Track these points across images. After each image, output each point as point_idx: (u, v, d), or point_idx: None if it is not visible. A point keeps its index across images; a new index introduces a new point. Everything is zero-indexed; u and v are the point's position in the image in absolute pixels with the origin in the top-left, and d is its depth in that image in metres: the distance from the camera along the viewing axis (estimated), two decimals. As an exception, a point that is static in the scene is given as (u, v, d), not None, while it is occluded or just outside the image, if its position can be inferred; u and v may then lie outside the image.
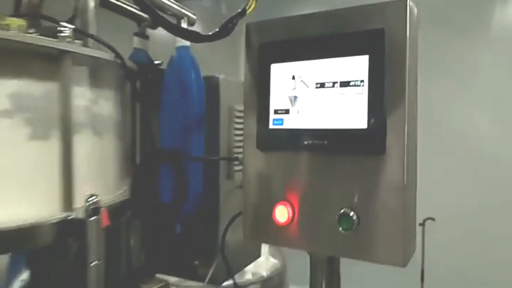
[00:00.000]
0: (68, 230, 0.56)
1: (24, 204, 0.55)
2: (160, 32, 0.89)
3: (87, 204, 0.57)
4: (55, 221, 0.56)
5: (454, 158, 4.07)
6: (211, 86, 0.99)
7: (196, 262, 0.99)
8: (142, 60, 0.99)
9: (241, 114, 1.05)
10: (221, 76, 1.02)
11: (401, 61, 0.65)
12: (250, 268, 2.19)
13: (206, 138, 0.95)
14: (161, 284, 0.95)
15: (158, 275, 0.99)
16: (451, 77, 4.03)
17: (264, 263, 1.97)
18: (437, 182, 4.03)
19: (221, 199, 0.96)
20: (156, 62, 1.01)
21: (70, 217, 0.57)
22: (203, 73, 0.98)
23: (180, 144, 0.87)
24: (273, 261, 2.27)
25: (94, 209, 0.56)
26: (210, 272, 0.91)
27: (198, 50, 1.03)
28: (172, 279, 1.04)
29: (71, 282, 0.59)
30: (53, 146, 0.57)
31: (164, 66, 0.97)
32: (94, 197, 0.57)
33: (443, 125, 4.05)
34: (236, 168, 1.02)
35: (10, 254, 0.65)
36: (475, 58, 3.99)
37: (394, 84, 0.65)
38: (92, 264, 0.55)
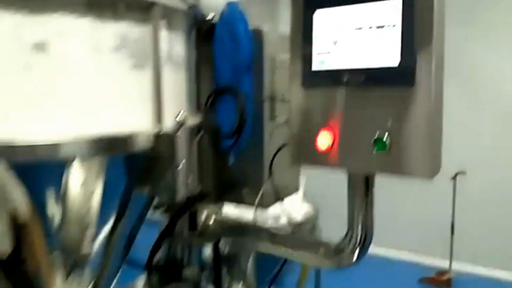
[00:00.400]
0: (160, 139, 0.73)
1: (127, 118, 0.72)
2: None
3: (176, 118, 0.72)
4: (149, 132, 0.73)
5: (488, 112, 4.06)
6: (257, 37, 1.11)
7: (245, 190, 1.15)
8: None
9: (281, 63, 1.17)
10: (265, 29, 1.14)
11: (429, 6, 0.74)
12: (285, 213, 2.36)
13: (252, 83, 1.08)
14: (216, 209, 1.11)
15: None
16: (488, 31, 3.95)
17: (298, 209, 2.11)
18: (470, 136, 4.05)
19: (266, 136, 1.10)
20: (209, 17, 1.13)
21: (161, 130, 0.74)
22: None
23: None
24: (306, 208, 2.40)
25: (180, 123, 0.71)
26: (258, 197, 1.06)
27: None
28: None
29: (162, 184, 0.75)
30: (147, 74, 0.73)
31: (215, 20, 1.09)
32: (182, 113, 0.72)
33: (477, 79, 4.01)
34: (278, 110, 1.15)
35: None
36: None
37: (423, 26, 0.75)
38: (179, 168, 0.71)
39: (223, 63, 1.03)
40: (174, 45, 0.81)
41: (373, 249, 3.82)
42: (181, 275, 1.14)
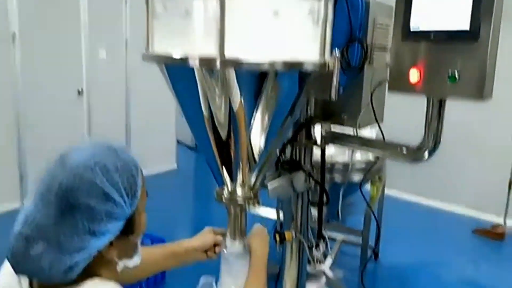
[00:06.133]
0: (323, 67, 1.21)
1: (300, 51, 1.19)
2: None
3: (332, 54, 1.21)
4: (317, 61, 1.20)
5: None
6: (366, 5, 1.56)
7: (344, 115, 1.65)
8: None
9: (379, 24, 1.61)
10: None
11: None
12: (360, 152, 2.85)
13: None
14: (325, 126, 1.64)
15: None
16: None
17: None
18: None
19: (365, 74, 1.57)
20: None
21: (324, 60, 1.20)
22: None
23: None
24: None
25: (334, 57, 1.21)
26: (358, 120, 1.56)
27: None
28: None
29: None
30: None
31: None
32: (336, 50, 1.21)
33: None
34: (375, 58, 1.62)
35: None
36: None
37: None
38: (334, 85, 1.22)
39: (341, 23, 1.50)
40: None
41: (428, 202, 4.46)
42: (301, 168, 1.69)
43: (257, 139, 1.28)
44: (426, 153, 1.40)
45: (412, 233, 4.18)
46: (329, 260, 3.23)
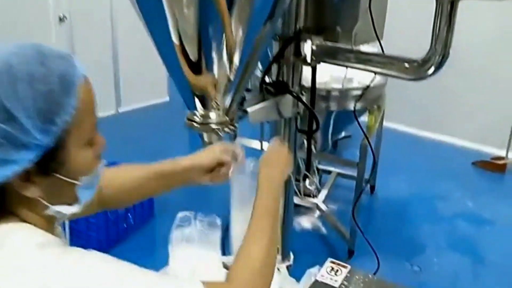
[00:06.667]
0: None
1: None
2: None
3: None
4: None
5: None
6: None
7: (338, 28, 1.42)
8: None
9: None
10: None
11: None
12: (357, 77, 2.62)
13: None
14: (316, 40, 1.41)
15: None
16: None
17: (370, 77, 2.33)
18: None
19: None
20: None
21: None
22: None
23: None
24: (378, 77, 2.60)
25: None
26: (354, 31, 1.33)
27: None
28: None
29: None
30: None
31: None
32: None
33: None
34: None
35: None
36: None
37: None
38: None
39: None
40: None
41: (428, 134, 4.21)
42: (288, 90, 1.48)
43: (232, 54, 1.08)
44: (432, 68, 1.19)
45: (410, 166, 4.05)
46: (323, 193, 3.12)
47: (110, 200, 1.05)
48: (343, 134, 3.83)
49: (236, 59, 1.10)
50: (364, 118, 2.93)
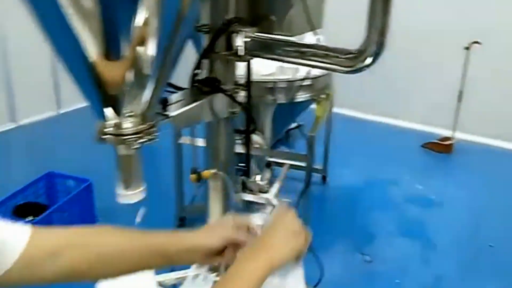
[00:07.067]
0: None
1: None
2: None
3: None
4: None
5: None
6: None
7: (273, 17, 1.30)
8: None
9: None
10: None
11: None
12: (304, 68, 2.53)
13: None
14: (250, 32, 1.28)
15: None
16: None
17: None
18: (487, 4, 3.98)
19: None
20: None
21: None
22: None
23: None
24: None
25: None
26: (287, 19, 1.22)
27: None
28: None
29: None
30: None
31: None
32: None
33: None
34: None
35: None
36: None
37: None
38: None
39: None
40: None
41: (378, 118, 4.18)
42: (220, 88, 1.35)
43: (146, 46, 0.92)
44: (369, 59, 1.09)
45: (361, 152, 4.06)
46: (275, 187, 3.03)
47: (75, 274, 0.77)
48: (295, 124, 3.76)
49: (152, 49, 0.93)
50: (314, 106, 2.86)
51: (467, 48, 3.87)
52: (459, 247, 2.86)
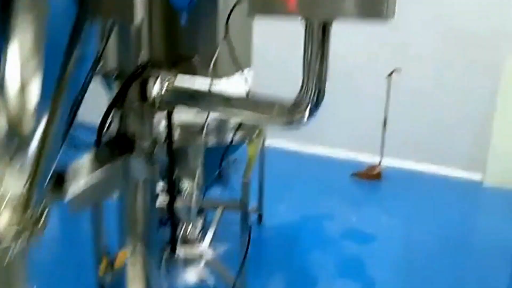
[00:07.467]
0: None
1: None
2: None
3: None
4: None
5: (423, 14, 4.17)
6: None
7: (196, 57, 1.12)
8: None
9: None
10: None
11: None
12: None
13: None
14: (169, 78, 1.08)
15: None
16: None
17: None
18: (405, 35, 4.17)
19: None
20: None
21: None
22: None
23: None
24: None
25: None
26: (212, 63, 1.04)
27: None
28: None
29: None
30: None
31: None
32: None
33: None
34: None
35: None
36: None
37: None
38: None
39: None
40: None
41: (307, 148, 4.03)
42: (133, 148, 1.13)
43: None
44: (307, 112, 0.94)
45: (295, 186, 3.98)
46: (209, 235, 2.79)
47: None
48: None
49: (30, 106, 0.71)
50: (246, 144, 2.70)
51: (390, 75, 4.00)
52: (397, 283, 2.81)
